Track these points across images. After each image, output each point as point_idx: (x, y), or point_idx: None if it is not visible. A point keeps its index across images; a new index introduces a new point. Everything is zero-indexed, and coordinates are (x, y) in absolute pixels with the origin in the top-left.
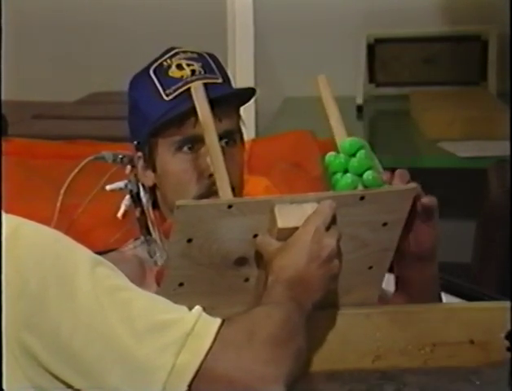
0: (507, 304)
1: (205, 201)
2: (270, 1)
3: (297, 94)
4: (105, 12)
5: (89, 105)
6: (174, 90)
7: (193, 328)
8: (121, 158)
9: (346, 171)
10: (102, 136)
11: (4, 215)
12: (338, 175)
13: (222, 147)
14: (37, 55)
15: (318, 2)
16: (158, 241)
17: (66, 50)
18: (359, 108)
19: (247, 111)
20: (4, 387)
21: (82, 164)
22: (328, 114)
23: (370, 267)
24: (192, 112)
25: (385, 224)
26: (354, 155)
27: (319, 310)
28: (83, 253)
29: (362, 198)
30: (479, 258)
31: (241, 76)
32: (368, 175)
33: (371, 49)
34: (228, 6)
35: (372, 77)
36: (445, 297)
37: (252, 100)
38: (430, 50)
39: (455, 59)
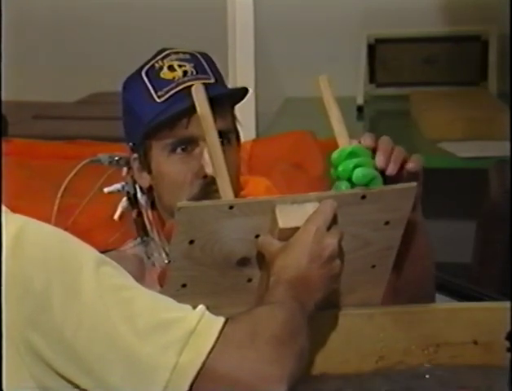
0: (508, 304)
1: (206, 202)
2: (270, 1)
3: (298, 94)
4: (105, 12)
5: (89, 105)
6: (166, 92)
7: (196, 327)
8: (117, 160)
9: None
10: (102, 136)
11: (10, 214)
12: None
13: None
14: (37, 55)
15: (318, 3)
16: (157, 241)
17: (66, 50)
18: (360, 108)
19: (247, 111)
20: (4, 387)
21: (78, 167)
22: (329, 115)
23: (373, 266)
24: (184, 113)
25: (387, 223)
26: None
27: (323, 310)
28: (88, 252)
29: (363, 197)
30: (480, 258)
31: (242, 76)
32: (357, 172)
33: (371, 49)
34: (229, 6)
35: (372, 77)
36: (445, 298)
37: (252, 101)
38: (430, 51)
39: (455, 60)
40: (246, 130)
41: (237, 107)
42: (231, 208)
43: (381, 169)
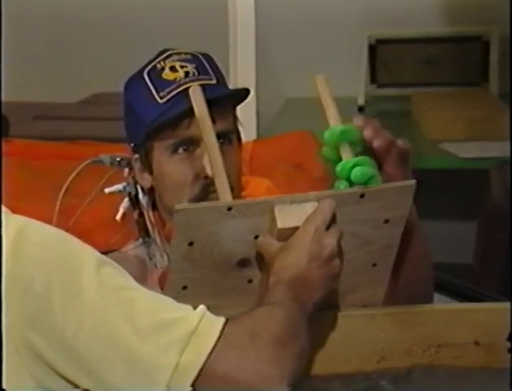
0: (509, 305)
1: (204, 204)
2: (271, 1)
3: (299, 95)
4: (106, 12)
5: (90, 106)
6: (168, 93)
7: (197, 327)
8: (119, 161)
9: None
10: (103, 137)
11: (10, 215)
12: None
13: None
14: (37, 56)
15: (319, 3)
16: (158, 242)
17: (67, 51)
18: (361, 109)
19: (248, 112)
20: (4, 386)
21: (80, 168)
22: (327, 114)
23: (374, 264)
24: (186, 113)
25: (386, 221)
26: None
27: (325, 310)
28: (88, 253)
29: (362, 196)
30: (481, 259)
31: (243, 77)
32: (356, 172)
33: (372, 49)
34: (230, 6)
35: (373, 78)
36: (445, 298)
37: (253, 101)
38: (431, 51)
39: (456, 60)
40: (247, 131)
41: (238, 108)
42: (229, 209)
43: (369, 140)
